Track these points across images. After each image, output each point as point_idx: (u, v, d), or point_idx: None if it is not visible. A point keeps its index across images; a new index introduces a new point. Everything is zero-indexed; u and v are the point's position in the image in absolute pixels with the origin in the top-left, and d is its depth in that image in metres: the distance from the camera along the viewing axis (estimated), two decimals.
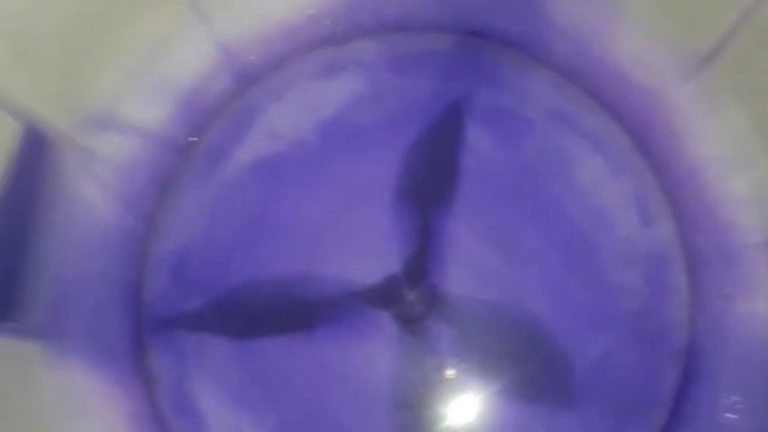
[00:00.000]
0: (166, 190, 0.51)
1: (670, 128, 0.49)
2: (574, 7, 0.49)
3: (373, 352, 0.49)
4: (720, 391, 0.47)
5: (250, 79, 0.52)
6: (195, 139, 0.51)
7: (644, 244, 0.50)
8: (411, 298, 0.49)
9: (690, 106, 0.48)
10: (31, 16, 0.44)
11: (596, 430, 0.48)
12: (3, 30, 0.42)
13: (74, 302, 0.48)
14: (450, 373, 0.49)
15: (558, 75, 0.51)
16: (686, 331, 0.48)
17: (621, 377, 0.48)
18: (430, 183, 0.50)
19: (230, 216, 0.51)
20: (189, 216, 0.51)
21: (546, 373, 0.49)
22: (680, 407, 0.47)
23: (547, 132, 0.51)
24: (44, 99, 0.45)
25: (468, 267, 0.49)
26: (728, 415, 0.46)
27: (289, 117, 0.51)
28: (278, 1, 0.51)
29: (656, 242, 0.50)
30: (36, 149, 0.45)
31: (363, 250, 0.50)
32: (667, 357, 0.48)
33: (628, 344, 0.49)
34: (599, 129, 0.50)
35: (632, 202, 0.50)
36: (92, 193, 0.48)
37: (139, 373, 0.49)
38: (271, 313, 0.50)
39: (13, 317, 0.44)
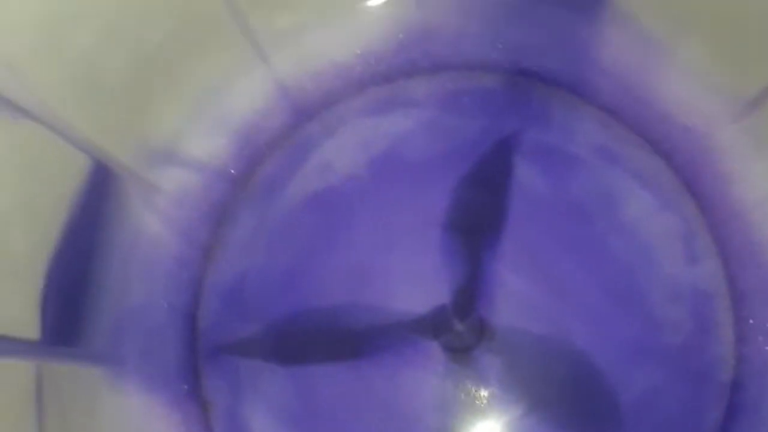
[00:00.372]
0: (223, 221, 0.53)
1: (716, 169, 0.50)
2: (623, 49, 0.50)
3: (421, 380, 0.50)
4: (764, 425, 0.47)
5: (305, 115, 0.53)
6: (253, 175, 0.53)
7: (689, 281, 0.50)
8: (460, 328, 0.50)
9: (736, 147, 0.49)
10: (100, 51, 0.46)
11: None
12: (73, 65, 0.44)
13: (133, 328, 0.50)
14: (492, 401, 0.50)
15: (605, 114, 0.52)
16: (730, 367, 0.49)
17: (665, 412, 0.49)
18: (478, 217, 0.52)
19: (283, 246, 0.52)
20: (244, 246, 0.52)
21: (591, 406, 0.49)
22: None
23: (594, 169, 0.52)
24: (110, 134, 0.47)
25: (515, 300, 0.50)
26: None
27: (342, 152, 0.53)
28: (332, 41, 0.53)
29: (701, 279, 0.50)
30: (102, 182, 0.47)
31: (413, 280, 0.51)
32: (711, 392, 0.49)
33: (672, 379, 0.49)
34: (646, 167, 0.52)
35: (678, 240, 0.51)
36: (153, 225, 0.50)
37: (194, 397, 0.50)
38: (322, 341, 0.51)
39: (76, 343, 0.46)
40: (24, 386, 0.43)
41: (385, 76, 0.54)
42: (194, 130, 0.51)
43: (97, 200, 0.46)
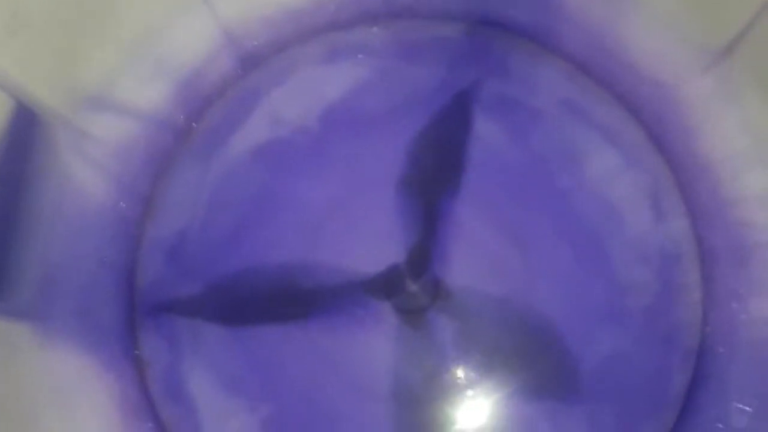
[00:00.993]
0: (163, 174, 0.50)
1: (685, 123, 0.48)
2: None
3: (373, 342, 0.48)
4: (730, 393, 0.45)
5: (252, 63, 0.51)
6: (195, 125, 0.50)
7: (656, 240, 0.48)
8: (413, 289, 0.48)
9: (706, 100, 0.47)
10: None
11: (603, 429, 0.46)
12: None
13: (64, 283, 0.47)
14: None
15: (570, 65, 0.50)
16: (697, 331, 0.47)
17: (630, 376, 0.47)
18: (435, 172, 0.49)
19: (229, 201, 0.50)
20: (186, 200, 0.50)
21: (552, 369, 0.47)
22: (689, 408, 0.46)
23: (558, 123, 0.49)
24: (38, 76, 0.44)
25: (473, 259, 0.48)
26: (738, 418, 0.45)
27: (291, 102, 0.50)
28: None
29: (669, 239, 0.48)
30: (28, 127, 0.44)
31: (365, 239, 0.49)
32: (677, 357, 0.47)
33: (637, 342, 0.47)
34: (612, 121, 0.49)
35: (645, 198, 0.49)
36: (85, 174, 0.47)
37: (130, 357, 0.48)
38: (269, 300, 0.48)
39: (1, 295, 0.43)
40: None
41: (338, 22, 0.51)
42: (131, 74, 0.48)
43: (22, 144, 0.43)
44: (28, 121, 0.43)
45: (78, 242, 0.47)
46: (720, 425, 0.45)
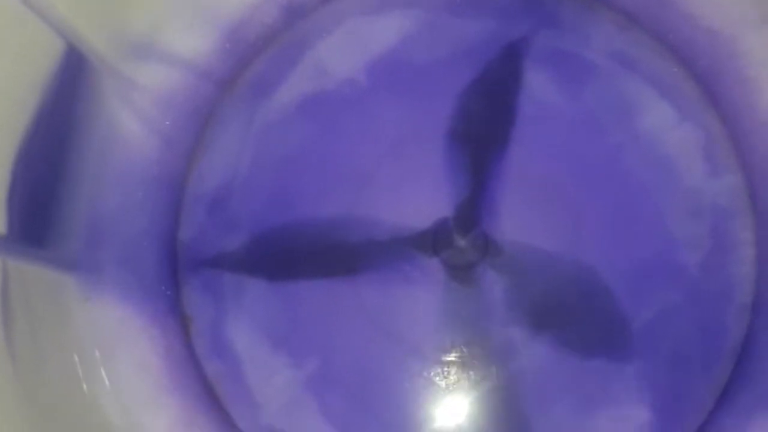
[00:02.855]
0: (207, 125, 0.50)
1: (740, 76, 0.48)
2: None
3: (420, 298, 0.48)
4: None
5: (298, 13, 0.50)
6: (239, 76, 0.50)
7: (709, 196, 0.48)
8: (461, 244, 0.48)
9: (763, 52, 0.47)
10: None
11: (654, 387, 0.46)
12: None
13: (110, 235, 0.47)
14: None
15: (622, 16, 0.49)
16: (751, 287, 0.47)
17: (681, 333, 0.47)
18: (484, 126, 0.49)
19: (273, 154, 0.49)
20: (230, 153, 0.50)
21: (603, 326, 0.47)
22: (743, 365, 0.46)
23: (609, 76, 0.49)
24: (88, 20, 0.44)
25: (522, 214, 0.48)
26: None
27: (338, 54, 0.50)
28: None
29: (722, 195, 0.48)
30: (77, 71, 0.44)
31: (412, 193, 0.49)
32: (730, 313, 0.47)
33: (690, 298, 0.47)
34: (665, 74, 0.49)
35: (698, 153, 0.48)
36: (131, 124, 0.47)
37: (174, 311, 0.48)
38: (314, 255, 0.48)
39: (47, 244, 0.43)
40: None
41: None
42: (176, 22, 0.48)
43: (70, 89, 0.43)
44: (77, 66, 0.43)
45: (123, 193, 0.47)
46: None
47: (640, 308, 0.47)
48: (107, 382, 0.45)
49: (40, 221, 0.43)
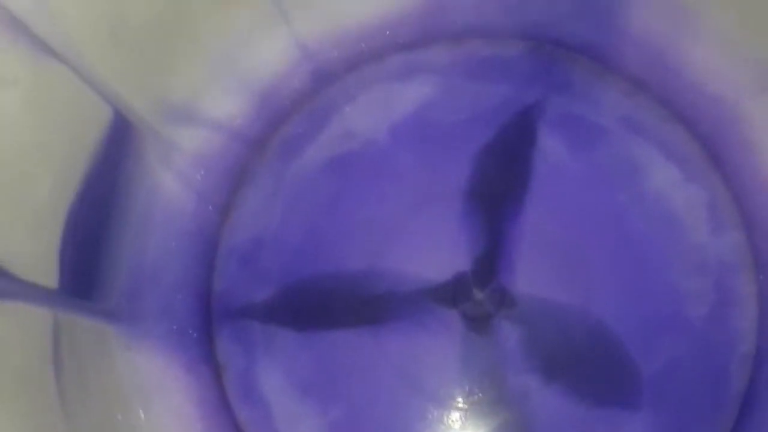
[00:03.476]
0: (240, 183, 0.53)
1: (742, 138, 0.51)
2: (650, 17, 0.51)
3: (440, 348, 0.51)
4: None
5: (327, 79, 0.54)
6: (271, 137, 0.53)
7: (713, 252, 0.51)
8: (479, 297, 0.51)
9: (764, 117, 0.50)
10: (127, 2, 0.46)
11: None
12: (101, 12, 0.44)
13: (148, 287, 0.50)
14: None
15: (629, 83, 0.53)
16: (753, 338, 0.50)
17: (688, 382, 0.49)
18: (500, 184, 0.52)
19: (302, 210, 0.53)
20: (261, 208, 0.53)
21: (612, 375, 0.50)
22: (748, 412, 0.48)
23: (618, 139, 0.52)
24: (131, 83, 0.47)
25: (536, 269, 0.51)
26: None
27: (363, 117, 0.54)
28: (357, 4, 0.53)
29: (726, 251, 0.51)
30: (123, 136, 0.47)
31: (432, 248, 0.52)
32: (734, 363, 0.49)
33: (694, 351, 0.50)
34: (670, 137, 0.52)
35: (702, 211, 0.51)
36: (172, 183, 0.51)
37: (208, 360, 0.51)
38: (340, 306, 0.51)
39: (93, 297, 0.46)
40: (41, 341, 0.43)
41: (408, 41, 0.54)
42: (214, 88, 0.51)
43: (117, 153, 0.47)
44: (123, 131, 0.46)
45: (162, 247, 0.50)
46: None
47: (648, 358, 0.50)
48: (145, 428, 0.48)
49: (87, 276, 0.46)
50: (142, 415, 0.48)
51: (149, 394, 0.49)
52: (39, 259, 0.42)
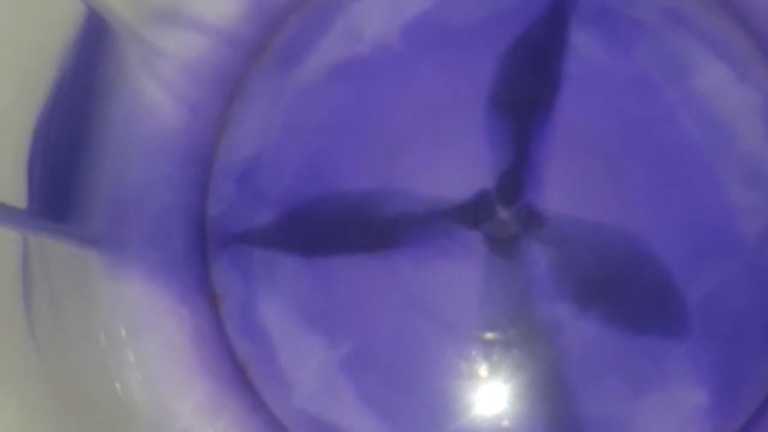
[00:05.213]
0: (235, 95, 0.50)
1: None
2: None
3: (461, 274, 0.47)
4: None
5: None
6: (268, 42, 0.50)
7: None
8: (504, 216, 0.47)
9: None
10: None
11: (711, 366, 0.46)
12: None
13: (136, 210, 0.47)
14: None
15: None
16: None
17: (740, 308, 0.46)
18: (528, 90, 0.49)
19: (305, 124, 0.49)
20: (260, 123, 0.49)
21: (654, 301, 0.46)
22: None
23: (661, 35, 0.48)
24: None
25: (568, 183, 0.48)
26: None
27: (371, 17, 0.50)
28: None
29: None
30: (98, 37, 0.44)
31: (452, 163, 0.48)
32: None
33: (746, 272, 0.46)
34: (720, 32, 0.48)
35: (757, 115, 0.47)
36: (156, 93, 0.48)
37: (203, 289, 0.48)
38: (348, 229, 0.48)
39: (71, 219, 0.43)
40: (8, 267, 0.40)
41: None
42: None
43: (93, 57, 0.43)
44: (98, 32, 0.43)
45: (149, 167, 0.47)
46: None
47: (695, 282, 0.46)
48: (133, 363, 0.46)
49: (61, 195, 0.43)
50: (130, 350, 0.45)
51: (138, 329, 0.46)
52: (3, 172, 0.39)
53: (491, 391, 0.46)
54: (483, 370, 0.47)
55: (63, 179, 0.43)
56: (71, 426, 0.42)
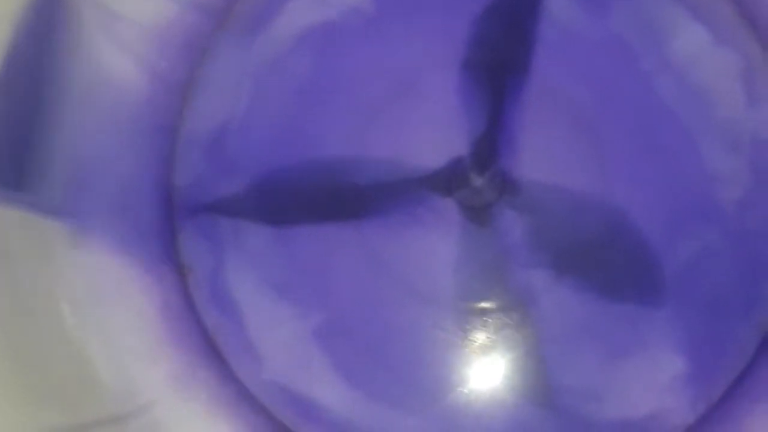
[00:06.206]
0: (200, 61, 0.49)
1: None
2: None
3: (434, 242, 0.47)
4: None
5: None
6: (234, 6, 0.49)
7: (749, 127, 0.47)
8: (478, 183, 0.47)
9: None
10: None
11: (689, 333, 0.45)
12: None
13: (98, 179, 0.47)
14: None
15: None
16: None
17: (718, 275, 0.46)
18: (502, 54, 0.48)
19: (273, 91, 0.49)
20: (227, 90, 0.49)
21: (631, 268, 0.46)
22: None
23: None
24: None
25: (543, 150, 0.47)
26: None
27: None
28: None
29: (762, 126, 0.47)
30: (53, 3, 0.43)
31: (425, 130, 0.48)
32: None
33: (726, 240, 0.46)
34: None
35: (736, 80, 0.47)
36: (116, 59, 0.47)
37: (171, 259, 0.47)
38: (318, 198, 0.48)
39: (29, 188, 0.43)
40: None
41: None
42: None
43: (48, 21, 0.43)
44: None
45: (110, 135, 0.47)
46: None
47: (673, 249, 0.46)
48: (98, 334, 0.45)
49: (18, 163, 0.42)
50: (95, 323, 0.45)
51: (103, 299, 0.46)
52: None
53: (466, 360, 0.46)
54: (457, 338, 0.46)
55: (20, 147, 0.42)
56: (34, 401, 0.42)
